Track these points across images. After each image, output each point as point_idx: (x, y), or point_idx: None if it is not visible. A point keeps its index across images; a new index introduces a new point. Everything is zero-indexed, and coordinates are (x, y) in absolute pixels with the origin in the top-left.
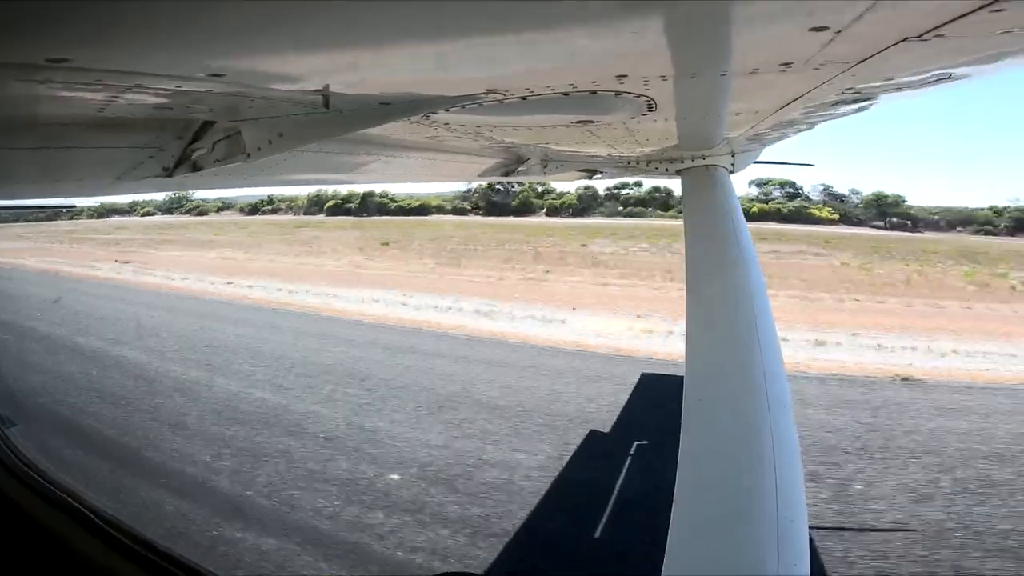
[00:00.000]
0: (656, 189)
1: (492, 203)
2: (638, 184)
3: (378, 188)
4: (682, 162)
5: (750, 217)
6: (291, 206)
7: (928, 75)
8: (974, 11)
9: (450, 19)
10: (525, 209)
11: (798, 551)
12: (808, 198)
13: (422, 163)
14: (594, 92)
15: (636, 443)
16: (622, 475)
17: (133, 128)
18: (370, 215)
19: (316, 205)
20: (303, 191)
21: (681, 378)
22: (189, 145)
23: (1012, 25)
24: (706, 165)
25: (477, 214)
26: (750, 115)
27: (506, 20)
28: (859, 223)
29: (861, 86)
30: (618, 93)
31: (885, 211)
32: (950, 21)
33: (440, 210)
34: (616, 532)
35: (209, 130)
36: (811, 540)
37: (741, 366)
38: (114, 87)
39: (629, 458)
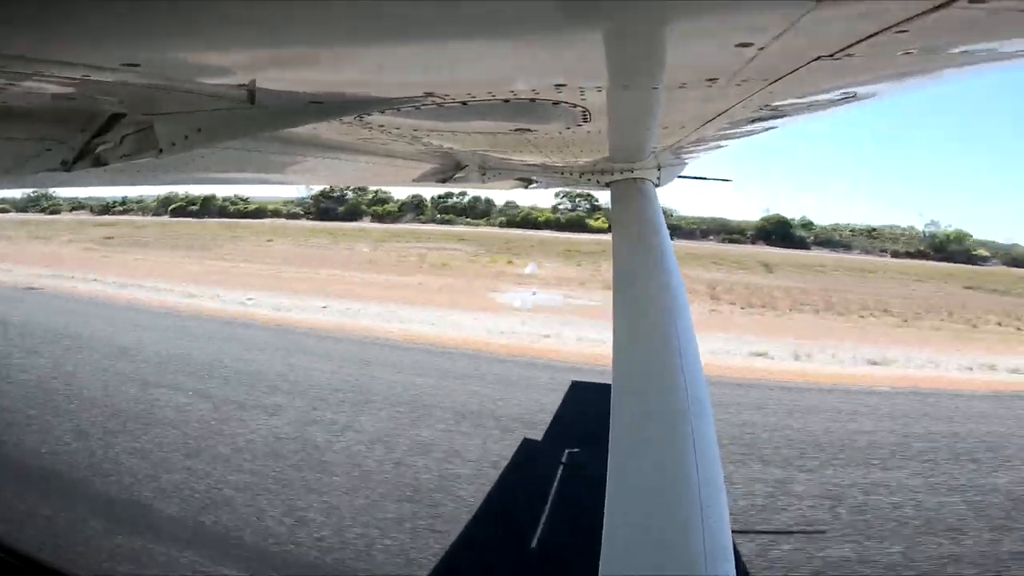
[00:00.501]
0: (476, 199)
1: (322, 209)
2: (463, 194)
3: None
4: (612, 175)
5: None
6: (142, 207)
7: (836, 94)
8: (880, 32)
9: (389, 18)
10: (353, 215)
11: (723, 552)
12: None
13: (355, 165)
14: (533, 100)
15: (568, 451)
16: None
17: (30, 118)
18: (211, 217)
19: (164, 207)
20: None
21: (608, 386)
22: (94, 138)
23: (913, 46)
24: (634, 178)
25: (309, 219)
26: (677, 129)
27: (450, 23)
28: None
29: (777, 103)
30: (556, 102)
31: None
32: (859, 41)
33: (276, 214)
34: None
35: (118, 123)
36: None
37: (664, 370)
38: (11, 74)
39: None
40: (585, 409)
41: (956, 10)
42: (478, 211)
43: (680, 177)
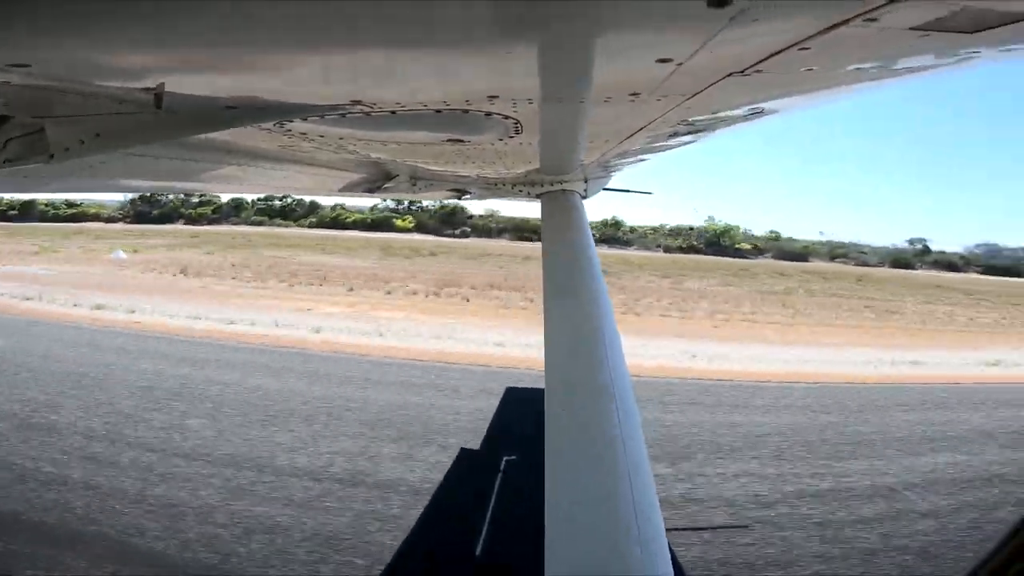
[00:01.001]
0: (300, 201)
1: (138, 212)
2: (285, 197)
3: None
4: (542, 186)
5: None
6: None
7: (745, 110)
8: (786, 48)
9: (314, 21)
10: (166, 218)
11: (660, 553)
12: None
13: (274, 173)
14: (466, 111)
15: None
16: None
17: None
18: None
19: None
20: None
21: (542, 390)
22: None
23: (814, 63)
24: (563, 190)
25: (127, 222)
26: (602, 142)
27: (383, 31)
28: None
29: (693, 119)
30: (488, 114)
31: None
32: (766, 58)
33: (97, 218)
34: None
35: (2, 126)
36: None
37: (594, 376)
38: None
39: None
40: (521, 416)
41: (852, 28)
42: (299, 213)
43: (605, 189)
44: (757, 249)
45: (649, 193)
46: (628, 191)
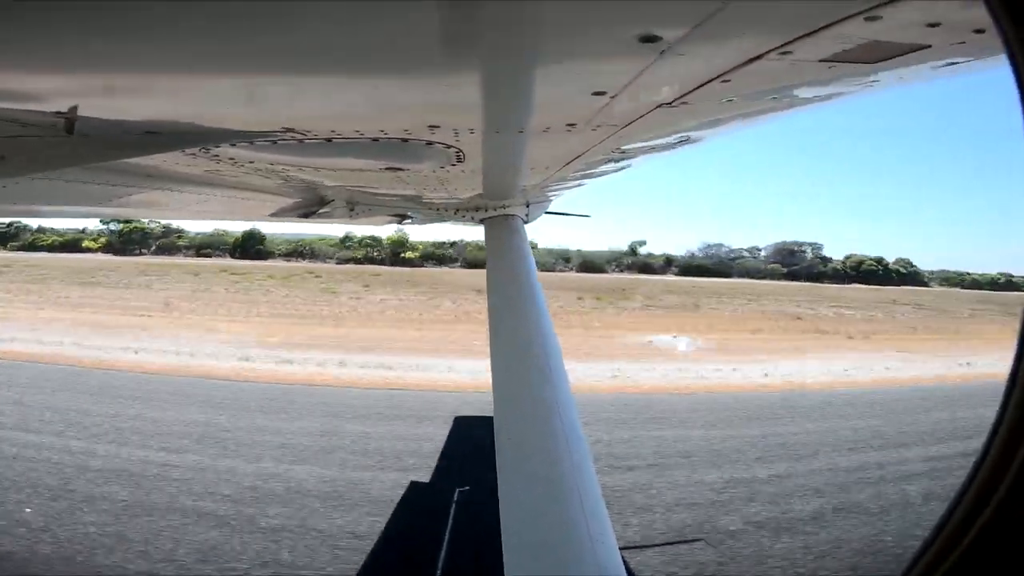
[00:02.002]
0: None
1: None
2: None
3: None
4: (485, 211)
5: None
6: None
7: (673, 139)
8: (709, 81)
9: (245, 46)
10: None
11: (613, 562)
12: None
13: (199, 199)
14: (406, 140)
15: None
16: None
17: None
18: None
19: None
20: None
21: (488, 418)
22: None
23: (734, 94)
24: (505, 215)
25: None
26: (541, 169)
27: (317, 59)
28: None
29: (626, 147)
30: (429, 143)
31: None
32: (692, 90)
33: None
34: None
35: None
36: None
37: (540, 395)
38: None
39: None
40: (470, 444)
41: (766, 62)
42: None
43: (547, 213)
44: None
45: (587, 216)
46: (568, 215)
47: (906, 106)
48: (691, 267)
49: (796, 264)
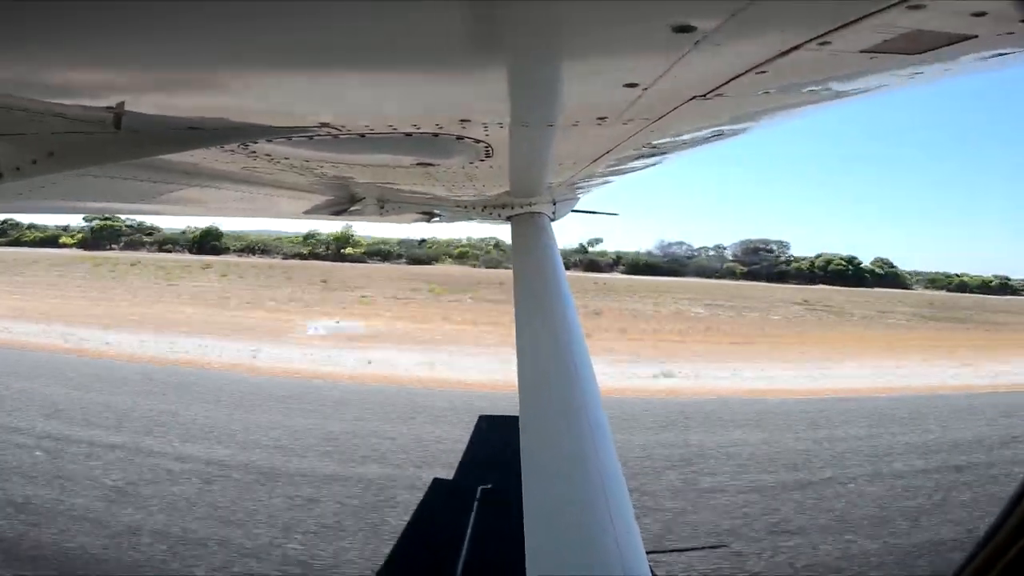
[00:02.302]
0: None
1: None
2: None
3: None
4: (512, 209)
5: None
6: None
7: (707, 132)
8: (745, 73)
9: (284, 42)
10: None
11: (639, 563)
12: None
13: (237, 196)
14: (436, 135)
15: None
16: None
17: None
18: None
19: None
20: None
21: (513, 417)
22: None
23: (770, 86)
24: (531, 212)
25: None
26: (570, 165)
27: (353, 55)
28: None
29: (656, 142)
30: (459, 137)
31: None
32: (727, 82)
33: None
34: None
35: None
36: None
37: (567, 391)
38: None
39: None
40: (495, 443)
41: (803, 52)
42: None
43: (573, 211)
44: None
45: (615, 214)
46: (595, 212)
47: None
48: (640, 265)
49: (757, 263)
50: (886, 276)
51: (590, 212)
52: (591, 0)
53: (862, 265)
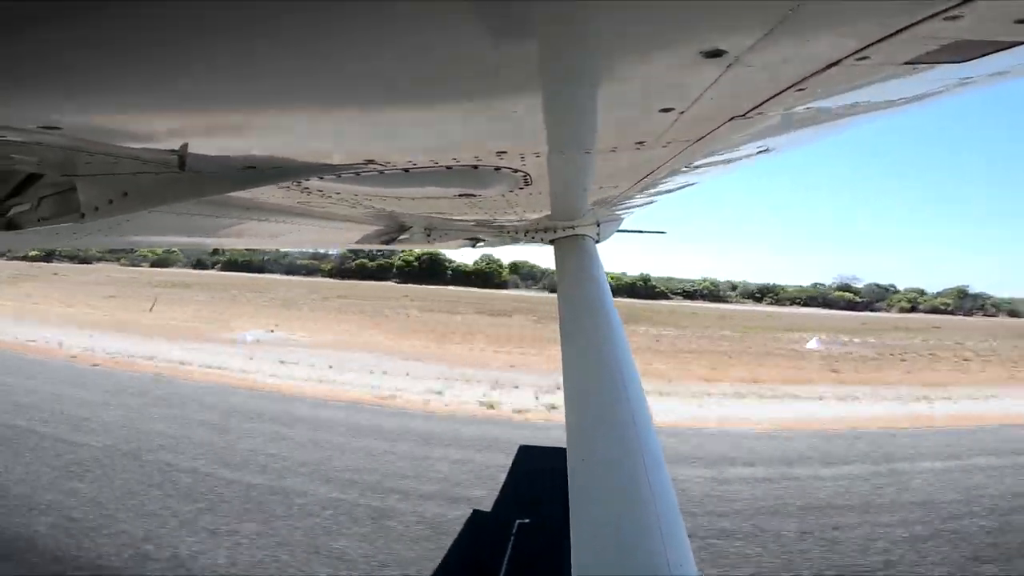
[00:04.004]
0: None
1: None
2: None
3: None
4: (555, 232)
5: None
6: None
7: (751, 149)
8: (783, 91)
9: (329, 87)
10: None
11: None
12: None
13: (292, 228)
14: (476, 167)
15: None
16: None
17: None
18: None
19: None
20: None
21: (555, 449)
22: (7, 199)
23: (812, 102)
24: (575, 235)
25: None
26: (610, 188)
27: (393, 95)
28: None
29: (700, 162)
30: (498, 168)
31: None
32: (765, 101)
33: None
34: None
35: (34, 184)
36: None
37: (616, 420)
38: None
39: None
40: (535, 476)
41: (843, 68)
42: None
43: (618, 231)
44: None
45: (663, 232)
46: (642, 232)
47: None
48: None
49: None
50: None
51: (637, 231)
52: (617, 31)
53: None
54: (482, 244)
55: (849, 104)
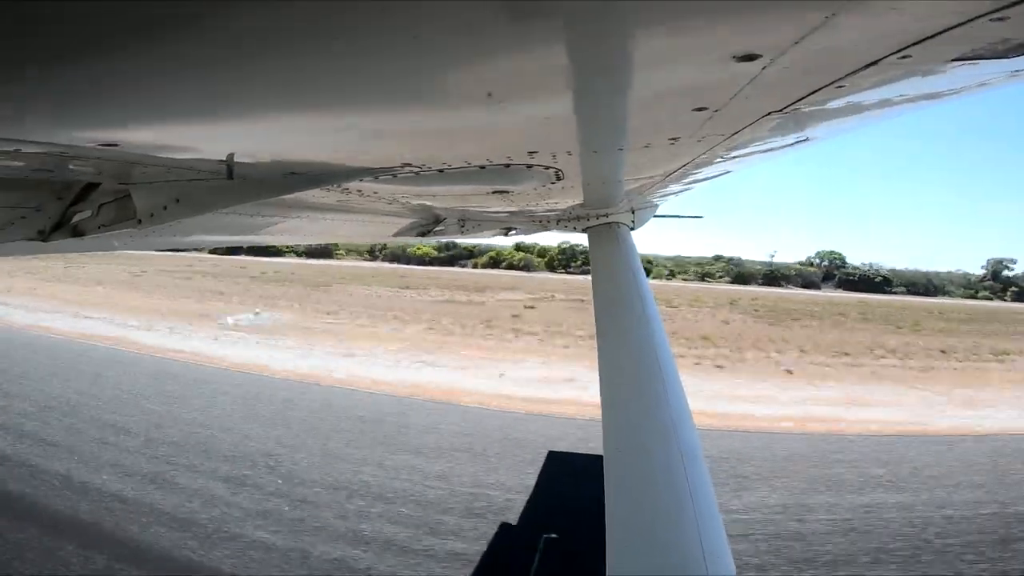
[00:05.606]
0: None
1: None
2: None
3: (280, 243)
4: (588, 220)
5: None
6: None
7: (789, 139)
8: (821, 88)
9: (368, 96)
10: None
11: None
12: None
13: (332, 224)
14: (508, 165)
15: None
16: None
17: (2, 186)
18: None
19: None
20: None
21: (586, 456)
22: (70, 207)
23: (852, 97)
24: (609, 223)
25: None
26: (645, 179)
27: (427, 101)
28: None
29: (735, 153)
30: (530, 166)
31: None
32: (804, 97)
33: None
34: None
35: (93, 192)
36: None
37: (652, 413)
38: None
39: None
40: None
41: (884, 65)
42: None
43: (655, 216)
44: None
45: (700, 217)
46: (679, 216)
47: None
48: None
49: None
50: None
51: (674, 216)
52: (649, 36)
53: None
54: (514, 232)
55: (896, 97)
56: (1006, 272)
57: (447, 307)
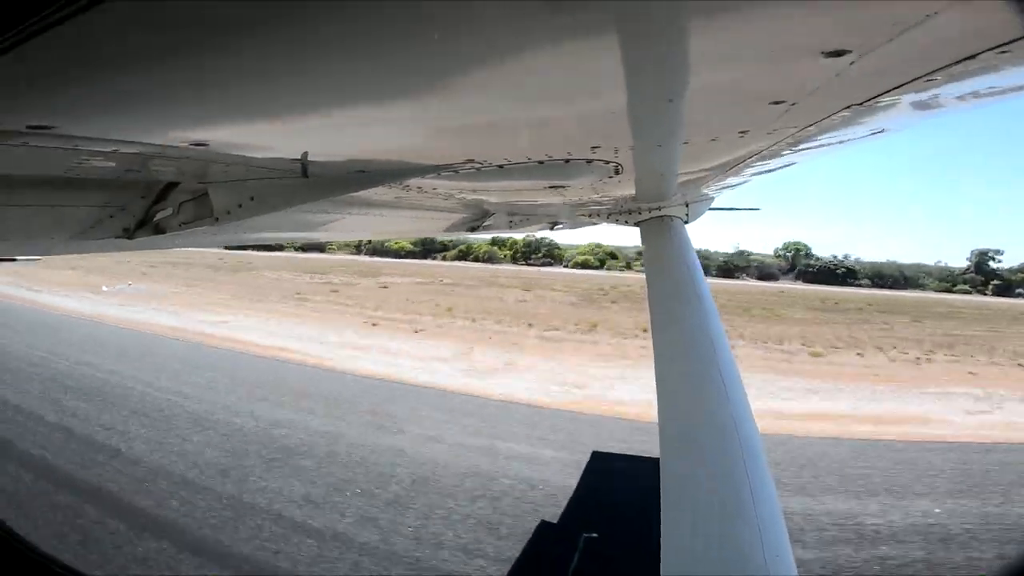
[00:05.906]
0: None
1: None
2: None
3: (337, 240)
4: (640, 214)
5: None
6: None
7: (864, 131)
8: (910, 82)
9: (438, 94)
10: None
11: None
12: None
13: (386, 220)
14: (568, 161)
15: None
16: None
17: (91, 187)
18: None
19: None
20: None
21: (631, 457)
22: (153, 205)
23: (941, 90)
24: (662, 216)
25: None
26: (705, 172)
27: (495, 96)
28: None
29: (804, 146)
30: (590, 161)
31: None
32: (889, 91)
33: None
34: None
35: (173, 191)
36: None
37: (711, 412)
38: (88, 152)
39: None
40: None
41: (979, 60)
42: None
43: (710, 209)
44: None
45: (757, 210)
46: (735, 209)
47: None
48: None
49: None
50: None
51: (729, 209)
52: (737, 30)
53: None
54: (560, 227)
55: (983, 88)
56: (992, 264)
57: (307, 287)
